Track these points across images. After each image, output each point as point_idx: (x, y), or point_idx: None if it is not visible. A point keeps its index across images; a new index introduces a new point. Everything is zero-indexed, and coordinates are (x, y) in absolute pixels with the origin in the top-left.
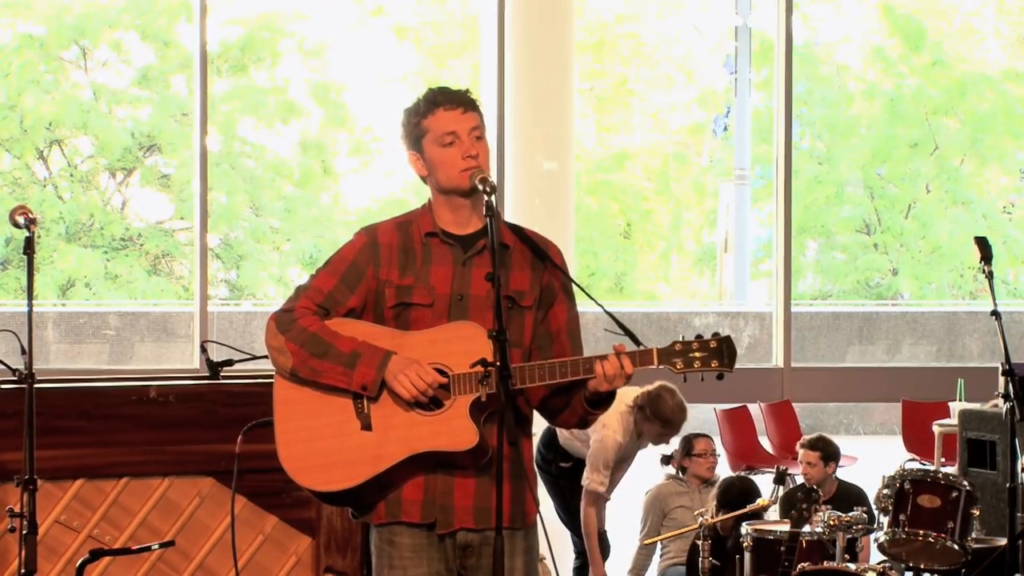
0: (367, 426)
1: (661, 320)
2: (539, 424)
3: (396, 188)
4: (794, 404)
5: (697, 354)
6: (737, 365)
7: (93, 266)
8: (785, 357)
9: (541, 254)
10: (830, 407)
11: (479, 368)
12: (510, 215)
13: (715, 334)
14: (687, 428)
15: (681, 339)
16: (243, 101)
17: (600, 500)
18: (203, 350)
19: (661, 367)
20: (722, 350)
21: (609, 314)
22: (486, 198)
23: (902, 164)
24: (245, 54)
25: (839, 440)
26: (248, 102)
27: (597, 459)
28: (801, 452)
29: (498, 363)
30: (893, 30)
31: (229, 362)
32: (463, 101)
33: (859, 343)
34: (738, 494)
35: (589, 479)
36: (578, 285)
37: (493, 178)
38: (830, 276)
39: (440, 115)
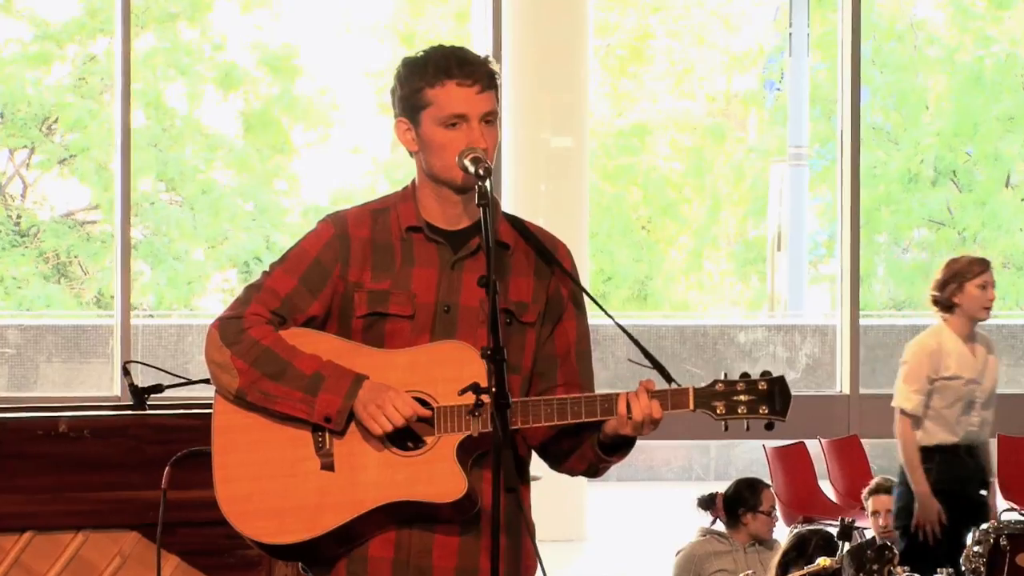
0: (329, 465)
1: (697, 336)
2: None
3: (360, 172)
4: (863, 440)
5: (742, 397)
6: (794, 391)
7: None
8: (852, 382)
9: (548, 257)
10: None
11: (469, 395)
12: (510, 205)
13: (764, 373)
14: (743, 470)
15: (723, 378)
16: (168, 62)
17: None
18: (125, 372)
19: (698, 411)
20: (773, 394)
21: (633, 339)
22: (479, 184)
23: (991, 142)
24: (170, 2)
25: None
26: (175, 63)
27: None
28: (870, 500)
29: (494, 389)
30: None
31: (158, 387)
32: (481, 76)
33: None
34: (816, 551)
35: None
36: (593, 299)
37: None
38: (907, 280)
39: (450, 89)
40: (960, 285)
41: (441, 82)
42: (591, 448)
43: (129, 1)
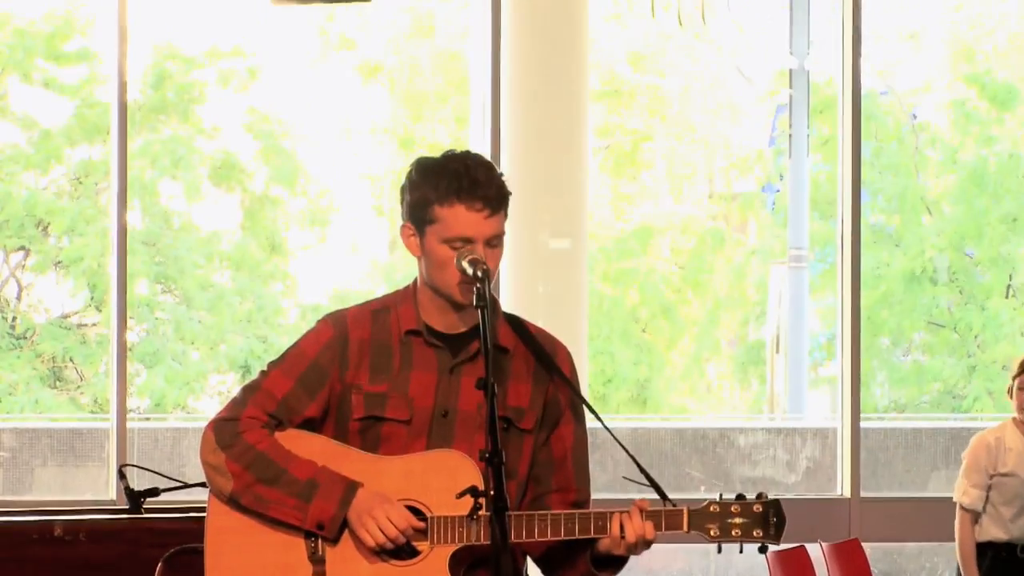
0: (321, 573)
1: (696, 439)
2: None
3: (358, 274)
4: (864, 544)
5: (737, 520)
6: (794, 494)
7: None
8: (853, 485)
9: (547, 362)
10: (909, 548)
11: (464, 504)
12: (508, 306)
13: (760, 495)
14: (743, 574)
15: (719, 498)
16: (160, 159)
17: None
18: (121, 476)
19: (692, 532)
20: (768, 516)
21: (630, 455)
22: (477, 287)
23: (996, 245)
24: (162, 98)
25: None
26: (167, 161)
27: None
28: None
29: (492, 492)
30: (972, 83)
31: (154, 491)
32: (491, 200)
33: (945, 467)
34: None
35: None
36: (590, 409)
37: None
38: (908, 384)
39: (458, 211)
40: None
41: (450, 202)
42: (584, 562)
43: (126, 104)
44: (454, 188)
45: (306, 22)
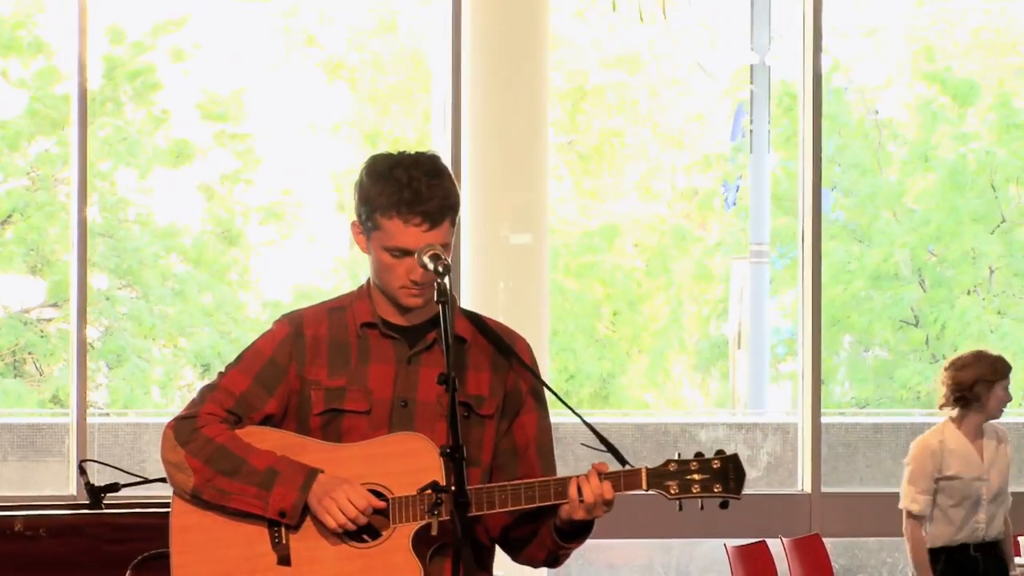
0: (285, 560)
1: (657, 434)
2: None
3: (323, 270)
4: (825, 539)
5: (696, 476)
6: (755, 489)
7: None
8: (813, 480)
9: (506, 350)
10: (870, 543)
11: (428, 493)
12: (469, 303)
13: (718, 452)
14: (705, 569)
15: (677, 457)
16: (118, 149)
17: None
18: (81, 471)
19: (651, 492)
20: (727, 471)
21: (587, 424)
22: (438, 281)
23: (965, 242)
24: (117, 88)
25: None
26: (126, 150)
27: None
28: None
29: (453, 487)
30: (934, 80)
31: (114, 486)
32: (431, 215)
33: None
34: None
35: None
36: (550, 389)
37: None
38: (870, 380)
39: (396, 225)
40: (990, 385)
41: (389, 215)
42: (549, 535)
43: (86, 95)
44: (394, 201)
45: (269, 19)
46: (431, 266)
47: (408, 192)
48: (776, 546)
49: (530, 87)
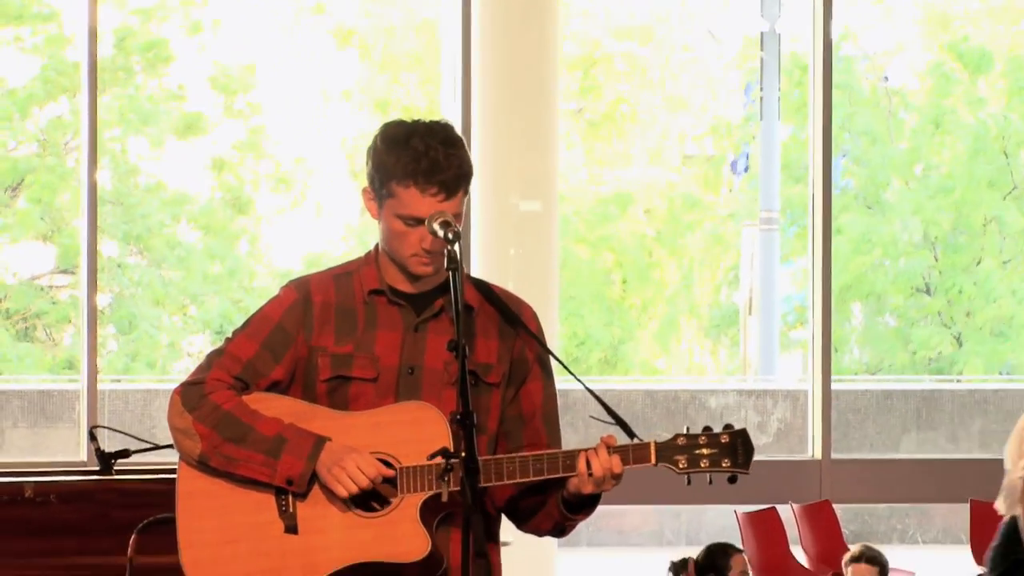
0: (292, 528)
1: (667, 400)
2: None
3: (333, 238)
4: (835, 505)
5: (705, 451)
6: (765, 456)
7: None
8: (824, 447)
9: (512, 318)
10: (880, 509)
11: (439, 460)
12: (478, 270)
13: (727, 426)
14: (715, 535)
15: (685, 431)
16: (129, 118)
17: None
18: (92, 437)
19: (659, 466)
20: (735, 446)
21: (594, 395)
22: (448, 248)
23: (977, 209)
24: (129, 57)
25: (890, 551)
26: (137, 119)
27: None
28: (850, 568)
29: (463, 454)
30: (948, 49)
31: (124, 452)
32: (447, 184)
33: (916, 430)
34: None
35: None
36: (555, 357)
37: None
38: (880, 347)
39: (413, 194)
40: None
41: (406, 183)
42: (556, 506)
43: (96, 60)
44: (411, 170)
45: None
46: (441, 233)
47: (425, 161)
48: (786, 512)
49: (540, 54)
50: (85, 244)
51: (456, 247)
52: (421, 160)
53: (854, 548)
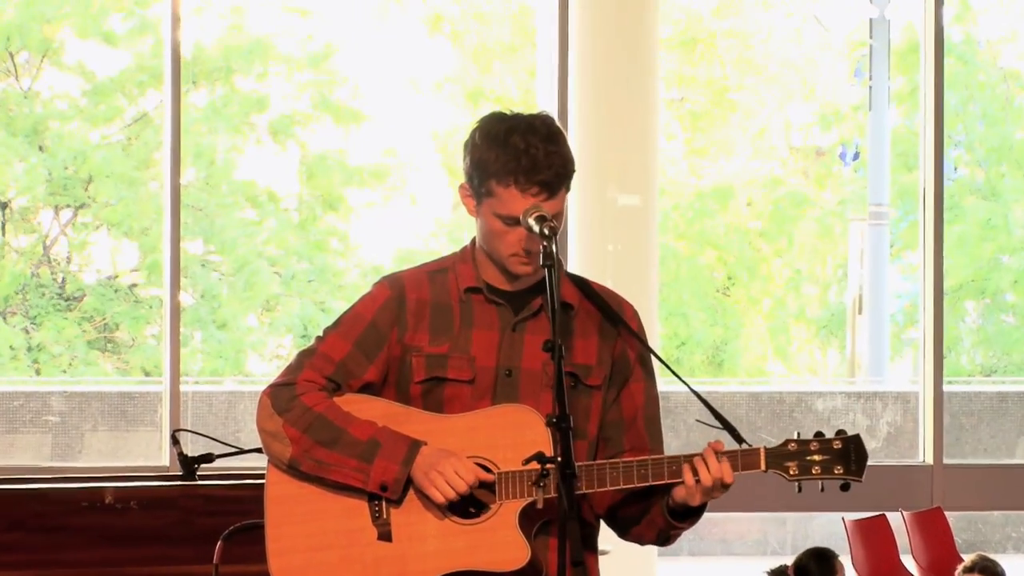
0: (386, 535)
1: (772, 403)
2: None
3: (424, 233)
4: (947, 513)
5: (816, 457)
6: (875, 461)
7: (14, 333)
8: (936, 452)
9: (613, 317)
10: (995, 517)
11: (534, 465)
12: (575, 266)
13: (839, 432)
14: (821, 544)
15: (796, 437)
16: (216, 119)
17: None
18: (175, 441)
19: (770, 472)
20: (848, 453)
21: (700, 398)
22: (544, 245)
23: None
24: (222, 58)
25: (1006, 560)
26: (223, 120)
27: None
28: None
29: (559, 459)
30: None
31: (208, 457)
32: (549, 184)
33: None
34: None
35: None
36: (657, 357)
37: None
38: (996, 346)
39: (513, 194)
40: None
41: (506, 182)
42: (660, 514)
43: (179, 57)
44: (511, 168)
45: None
46: (536, 228)
47: (526, 160)
48: (896, 520)
49: (639, 41)
50: (168, 244)
51: (553, 244)
52: (522, 159)
53: (968, 558)
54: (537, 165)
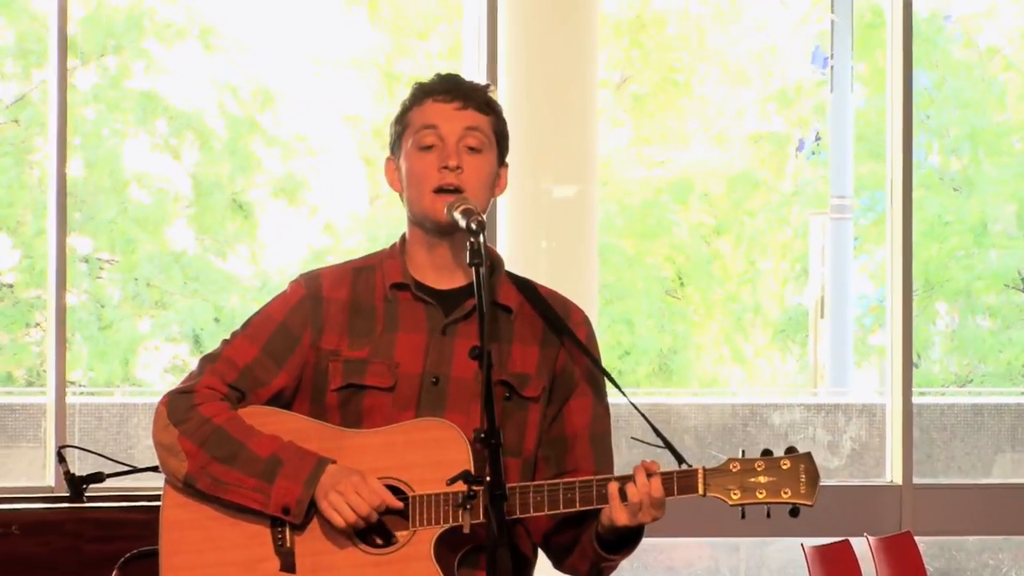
0: (289, 566)
1: (725, 416)
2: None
3: (339, 230)
4: (917, 538)
5: (762, 479)
6: (837, 480)
7: None
8: (904, 470)
9: (557, 324)
10: (969, 543)
11: (460, 486)
12: (506, 262)
13: (789, 449)
14: (777, 572)
15: (740, 456)
16: (106, 103)
17: None
18: (60, 459)
19: (710, 496)
20: (797, 473)
21: (640, 412)
22: (471, 240)
23: None
24: (110, 35)
25: None
26: (113, 104)
27: None
28: None
29: (488, 478)
30: None
31: (98, 476)
32: (466, 94)
33: (1011, 450)
34: None
35: None
36: (605, 373)
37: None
38: (971, 353)
39: (427, 105)
40: None
41: (421, 101)
42: (591, 543)
43: (66, 38)
44: (427, 89)
45: None
46: (463, 222)
47: (447, 82)
48: (861, 546)
49: (577, 16)
50: (54, 242)
51: (481, 238)
52: (436, 81)
53: None
54: (459, 84)
